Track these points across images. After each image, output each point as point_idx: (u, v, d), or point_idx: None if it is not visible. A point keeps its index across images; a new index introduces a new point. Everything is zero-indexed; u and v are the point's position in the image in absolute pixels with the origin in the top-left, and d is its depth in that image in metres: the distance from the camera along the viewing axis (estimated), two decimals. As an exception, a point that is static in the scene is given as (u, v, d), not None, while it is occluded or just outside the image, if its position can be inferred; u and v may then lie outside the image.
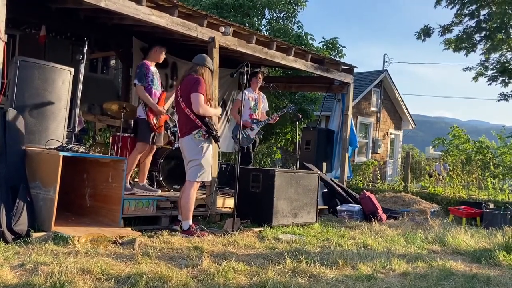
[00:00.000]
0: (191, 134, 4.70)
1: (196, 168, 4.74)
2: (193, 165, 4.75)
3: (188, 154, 4.77)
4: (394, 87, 19.74)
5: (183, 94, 4.74)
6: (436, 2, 16.66)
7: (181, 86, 4.80)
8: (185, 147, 4.77)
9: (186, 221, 4.75)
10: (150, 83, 5.51)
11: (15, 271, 2.97)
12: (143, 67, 5.51)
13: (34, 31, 7.06)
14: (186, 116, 4.72)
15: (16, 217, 3.86)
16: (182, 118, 4.80)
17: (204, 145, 4.75)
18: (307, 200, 6.11)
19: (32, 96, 4.66)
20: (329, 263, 3.82)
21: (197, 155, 4.73)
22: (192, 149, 4.73)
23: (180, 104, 4.76)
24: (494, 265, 4.32)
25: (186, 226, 4.74)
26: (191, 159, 4.75)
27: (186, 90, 4.72)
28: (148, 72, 5.52)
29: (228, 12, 13.42)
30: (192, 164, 4.75)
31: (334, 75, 8.69)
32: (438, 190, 9.30)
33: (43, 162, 4.24)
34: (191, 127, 4.71)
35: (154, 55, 5.70)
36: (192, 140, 4.71)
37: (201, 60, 4.88)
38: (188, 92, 4.69)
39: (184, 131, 4.76)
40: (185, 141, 4.75)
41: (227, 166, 7.74)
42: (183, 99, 4.73)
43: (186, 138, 4.73)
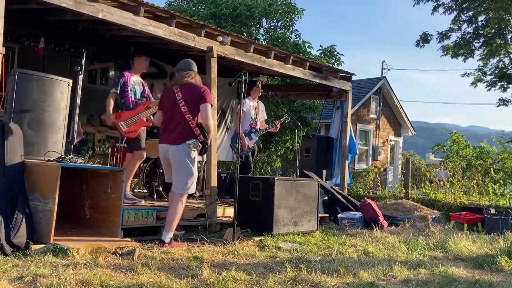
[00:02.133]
0: (186, 144, 4.53)
1: (187, 179, 4.58)
2: (183, 176, 4.58)
3: (181, 163, 4.57)
4: (393, 94, 19.78)
5: (187, 100, 4.57)
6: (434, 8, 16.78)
7: (183, 91, 4.61)
8: (178, 155, 4.56)
9: (171, 233, 4.55)
10: (129, 91, 5.58)
11: (13, 283, 2.95)
12: (122, 76, 5.62)
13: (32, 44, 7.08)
14: (185, 122, 4.55)
15: (15, 229, 3.85)
16: (179, 123, 4.59)
17: (195, 156, 4.63)
18: (307, 208, 6.09)
19: (30, 108, 4.66)
20: (330, 271, 3.80)
21: (191, 165, 4.59)
22: (185, 158, 4.56)
23: (180, 107, 4.55)
24: (497, 270, 4.29)
25: (167, 238, 4.52)
26: (183, 169, 4.57)
27: (193, 97, 4.58)
28: (127, 81, 5.59)
29: (226, 22, 13.49)
30: (183, 175, 4.58)
31: (333, 83, 8.71)
32: (439, 196, 9.27)
33: (42, 173, 4.23)
34: (189, 134, 4.55)
35: (136, 65, 5.78)
36: (186, 149, 4.54)
37: (192, 66, 4.77)
38: (196, 100, 4.56)
39: (180, 138, 4.55)
40: (179, 150, 4.55)
41: (226, 175, 7.73)
42: (186, 104, 4.54)
43: (181, 147, 4.54)
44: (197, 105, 4.56)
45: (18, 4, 4.87)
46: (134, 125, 5.55)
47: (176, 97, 4.60)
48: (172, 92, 4.67)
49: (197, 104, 4.56)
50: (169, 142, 4.61)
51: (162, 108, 4.78)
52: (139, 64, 5.78)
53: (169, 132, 4.63)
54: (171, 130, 4.61)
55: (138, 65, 5.78)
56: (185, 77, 4.67)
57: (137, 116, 5.58)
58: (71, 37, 6.83)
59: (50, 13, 5.89)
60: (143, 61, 5.79)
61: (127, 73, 5.68)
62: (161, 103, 4.81)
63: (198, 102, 4.57)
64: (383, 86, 19.42)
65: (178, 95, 4.60)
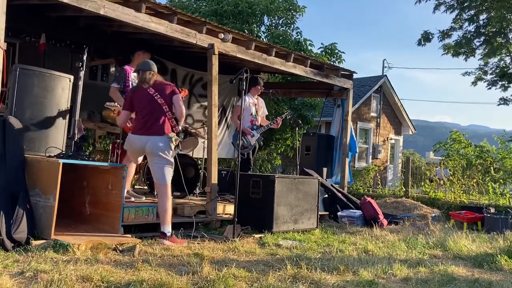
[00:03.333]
0: (167, 136, 4.74)
1: (168, 170, 4.77)
2: (164, 166, 4.74)
3: (161, 155, 4.73)
4: (393, 92, 19.77)
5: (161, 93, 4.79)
6: (435, 7, 16.74)
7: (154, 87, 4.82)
8: (160, 146, 4.72)
9: (168, 225, 4.67)
10: (130, 87, 5.54)
11: (14, 279, 2.96)
12: (122, 71, 5.62)
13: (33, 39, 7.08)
14: (164, 114, 4.76)
15: (15, 225, 3.85)
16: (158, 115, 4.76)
17: (173, 148, 4.85)
18: (307, 206, 6.10)
19: (31, 103, 4.67)
20: (330, 269, 3.80)
21: (170, 156, 4.80)
22: (167, 149, 4.74)
23: (156, 100, 4.75)
24: (496, 269, 4.30)
25: (167, 231, 4.64)
26: (163, 160, 4.74)
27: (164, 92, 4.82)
28: (128, 76, 5.59)
29: (227, 19, 13.47)
30: (164, 166, 4.74)
31: (334, 81, 8.70)
32: (439, 195, 9.28)
33: (43, 169, 4.24)
34: (168, 126, 4.79)
35: (137, 60, 5.73)
36: (167, 141, 4.74)
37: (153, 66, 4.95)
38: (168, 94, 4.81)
39: (161, 130, 4.73)
40: (161, 141, 4.72)
41: (227, 172, 7.73)
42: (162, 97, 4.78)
43: (163, 139, 4.73)
44: (169, 99, 4.82)
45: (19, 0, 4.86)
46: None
47: (149, 92, 4.79)
48: (143, 90, 4.82)
49: (169, 97, 4.83)
50: (148, 134, 4.75)
51: (133, 108, 4.90)
52: (139, 60, 5.76)
53: (149, 125, 4.76)
54: (151, 123, 4.76)
55: (139, 60, 5.75)
56: (151, 77, 4.86)
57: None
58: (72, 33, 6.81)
59: (51, 8, 5.89)
60: (146, 56, 5.77)
61: (128, 67, 5.66)
62: (131, 103, 4.89)
63: (169, 95, 4.84)
64: (384, 84, 19.41)
65: (151, 91, 4.80)
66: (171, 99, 4.82)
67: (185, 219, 5.63)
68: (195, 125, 8.39)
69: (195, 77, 8.53)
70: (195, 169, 6.68)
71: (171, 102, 4.82)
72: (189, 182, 6.63)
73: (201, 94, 8.57)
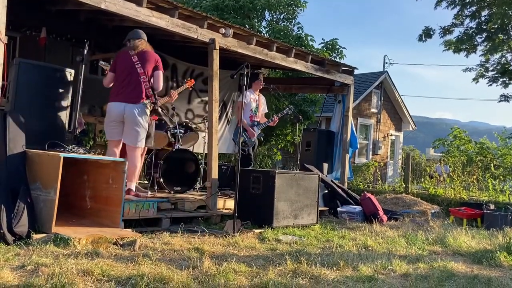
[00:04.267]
0: (143, 103, 5.07)
1: (139, 134, 5.11)
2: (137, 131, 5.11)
3: (136, 120, 5.07)
4: (394, 88, 19.75)
5: (143, 64, 5.09)
6: (436, 3, 16.68)
7: (138, 55, 5.12)
8: (135, 113, 5.05)
9: (133, 183, 5.19)
10: None
11: (15, 272, 2.97)
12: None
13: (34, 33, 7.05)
14: (141, 83, 5.06)
15: (16, 218, 3.86)
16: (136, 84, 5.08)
17: (148, 115, 5.16)
18: (307, 201, 6.11)
19: (32, 97, 4.67)
20: (330, 264, 3.82)
21: (145, 123, 5.14)
22: (142, 116, 5.10)
23: (136, 69, 5.05)
24: (495, 266, 4.31)
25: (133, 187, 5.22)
26: (138, 125, 5.09)
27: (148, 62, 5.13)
28: None
29: (228, 14, 13.43)
30: (137, 130, 5.10)
31: (335, 76, 8.69)
32: (438, 191, 9.29)
33: (44, 163, 4.24)
34: (144, 94, 5.09)
35: None
36: (142, 108, 5.05)
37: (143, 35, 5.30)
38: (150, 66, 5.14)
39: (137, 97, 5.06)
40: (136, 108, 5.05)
41: (227, 167, 7.74)
42: (142, 67, 5.07)
43: (138, 106, 5.06)
44: (151, 71, 5.15)
45: (20, -7, 4.85)
46: None
47: (132, 60, 5.08)
48: (127, 56, 5.12)
49: (151, 69, 5.15)
50: (125, 101, 5.07)
51: (116, 71, 5.20)
52: None
53: (127, 92, 5.07)
54: (129, 90, 5.07)
55: None
56: (140, 44, 5.18)
57: None
58: (73, 27, 6.79)
59: (52, 2, 5.88)
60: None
61: None
62: (115, 66, 5.21)
63: (152, 68, 5.16)
64: (385, 80, 19.39)
65: (134, 58, 5.08)
66: (153, 73, 5.15)
67: (186, 214, 5.65)
68: (195, 120, 8.39)
69: (196, 72, 8.52)
70: (195, 164, 6.68)
71: (151, 74, 5.15)
72: (190, 177, 6.65)
73: (202, 89, 8.57)
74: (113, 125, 5.22)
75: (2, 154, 4.17)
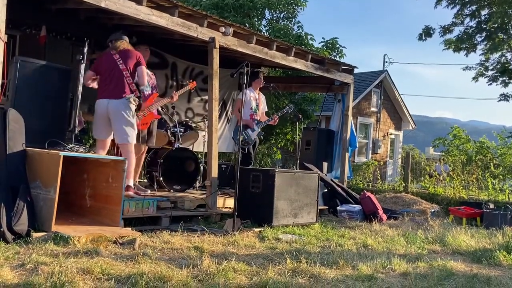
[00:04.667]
0: (125, 98, 5.08)
1: (126, 129, 5.11)
2: (123, 126, 5.10)
3: (120, 115, 5.08)
4: (394, 87, 19.74)
5: (125, 60, 5.15)
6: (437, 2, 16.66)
7: (120, 54, 5.20)
8: (118, 108, 5.07)
9: (131, 179, 5.26)
10: None
11: (15, 271, 2.97)
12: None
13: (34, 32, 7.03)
14: (123, 78, 5.11)
15: (16, 217, 3.86)
16: (118, 80, 5.12)
17: (133, 110, 5.17)
18: (307, 200, 6.11)
19: (32, 96, 4.67)
20: (330, 263, 3.82)
21: (130, 118, 5.13)
22: (126, 110, 5.09)
23: (118, 65, 5.11)
24: (495, 265, 4.31)
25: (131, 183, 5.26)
26: (122, 120, 5.08)
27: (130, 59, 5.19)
28: None
29: (228, 13, 13.41)
30: (122, 125, 5.10)
31: (334, 75, 8.69)
32: (438, 191, 9.30)
33: (44, 162, 4.24)
34: (127, 89, 5.12)
35: None
36: (125, 102, 5.08)
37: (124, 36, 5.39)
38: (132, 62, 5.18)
39: (119, 92, 5.09)
40: (119, 103, 5.07)
41: (227, 166, 7.74)
42: (124, 63, 5.13)
43: (120, 101, 5.07)
44: (133, 67, 5.19)
45: (20, -9, 4.85)
46: (145, 117, 5.62)
47: (114, 58, 5.15)
48: (109, 55, 5.20)
49: (133, 65, 5.19)
50: (109, 97, 5.11)
51: (100, 72, 5.24)
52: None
53: (110, 89, 5.12)
54: (112, 87, 5.12)
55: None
56: (121, 44, 5.27)
57: (147, 109, 5.62)
58: (73, 25, 6.78)
59: (52, 1, 5.87)
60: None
61: None
62: (97, 68, 5.25)
63: (134, 64, 5.20)
64: (385, 79, 19.38)
65: (115, 56, 5.16)
66: (135, 68, 5.18)
67: (185, 213, 5.65)
68: (195, 119, 8.39)
69: (196, 71, 8.52)
70: (195, 163, 6.69)
71: (134, 71, 5.18)
72: (189, 176, 6.65)
73: (202, 88, 8.56)
74: (99, 122, 5.25)
75: (2, 152, 4.18)
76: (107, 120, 5.19)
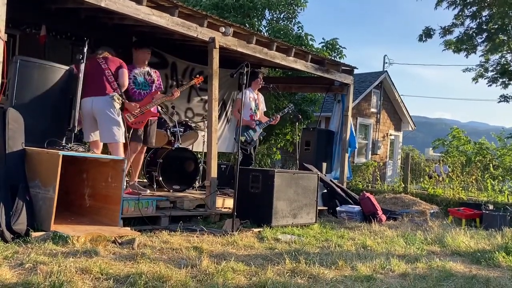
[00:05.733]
0: (109, 96, 5.13)
1: (112, 127, 5.12)
2: (109, 125, 5.12)
3: (105, 113, 5.11)
4: (394, 88, 19.75)
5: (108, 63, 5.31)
6: (437, 3, 16.66)
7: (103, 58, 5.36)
8: (102, 106, 5.12)
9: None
10: (131, 84, 5.67)
11: (14, 270, 2.97)
12: None
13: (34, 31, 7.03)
14: (105, 76, 5.21)
15: (15, 216, 3.86)
16: (100, 78, 5.21)
17: (118, 108, 5.19)
18: (306, 200, 6.11)
19: (32, 95, 4.66)
20: (329, 264, 3.82)
21: (115, 116, 5.15)
22: (110, 108, 5.12)
23: (101, 65, 5.24)
24: (494, 266, 4.31)
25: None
26: (107, 118, 5.11)
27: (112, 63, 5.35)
28: (129, 73, 5.64)
29: (228, 13, 13.41)
30: (108, 124, 5.12)
31: (334, 76, 8.69)
32: (437, 191, 9.30)
33: (43, 161, 4.24)
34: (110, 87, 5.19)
35: (135, 57, 5.87)
36: (109, 100, 5.13)
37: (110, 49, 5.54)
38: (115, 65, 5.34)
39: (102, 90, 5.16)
40: (102, 101, 5.12)
41: (226, 166, 7.74)
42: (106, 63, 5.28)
43: (104, 98, 5.13)
44: (116, 70, 5.32)
45: (20, -10, 4.85)
46: (141, 116, 5.59)
47: (97, 60, 5.29)
48: (94, 59, 5.29)
49: (115, 68, 5.32)
50: (92, 95, 5.15)
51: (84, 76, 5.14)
52: (138, 55, 5.85)
53: (93, 87, 5.16)
54: (95, 86, 5.19)
55: (137, 56, 5.85)
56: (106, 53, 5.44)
57: (143, 107, 5.61)
58: (73, 25, 6.78)
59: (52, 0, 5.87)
60: (142, 53, 5.86)
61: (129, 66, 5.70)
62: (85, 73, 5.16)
63: (116, 67, 5.34)
64: (385, 80, 19.39)
65: (99, 59, 5.31)
66: (118, 71, 5.32)
67: (185, 212, 5.65)
68: (195, 119, 8.39)
69: (196, 71, 8.51)
70: (194, 163, 6.68)
71: (117, 74, 5.31)
72: (189, 176, 6.65)
73: (202, 88, 8.55)
74: (87, 124, 5.27)
75: (1, 151, 4.17)
76: (94, 120, 5.22)
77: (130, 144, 5.56)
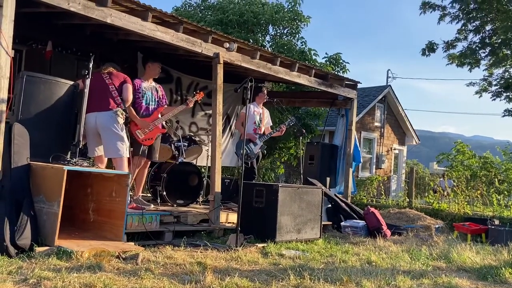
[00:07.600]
0: (112, 111, 5.15)
1: (116, 142, 5.14)
2: (113, 140, 5.15)
3: (108, 129, 5.14)
4: (397, 102, 19.77)
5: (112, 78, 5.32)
6: (440, 18, 16.73)
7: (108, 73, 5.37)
8: (106, 121, 5.14)
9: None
10: (140, 98, 5.69)
11: (18, 286, 2.97)
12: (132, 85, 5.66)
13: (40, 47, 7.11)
14: (109, 92, 5.23)
15: (19, 231, 3.86)
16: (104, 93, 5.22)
17: (121, 123, 5.21)
18: (311, 215, 6.08)
19: (37, 110, 4.69)
20: (333, 280, 3.79)
21: (119, 131, 5.18)
22: (113, 123, 5.15)
23: (104, 81, 5.27)
24: (500, 282, 4.27)
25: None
26: (110, 133, 5.14)
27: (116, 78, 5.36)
28: (139, 88, 5.69)
29: (233, 28, 13.52)
30: (112, 139, 5.15)
31: (338, 91, 8.71)
32: (442, 206, 9.24)
33: (48, 176, 4.25)
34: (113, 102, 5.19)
35: (148, 71, 5.91)
36: (112, 116, 5.15)
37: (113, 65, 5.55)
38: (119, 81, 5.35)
39: (106, 105, 5.17)
40: (106, 116, 5.14)
41: (230, 180, 7.73)
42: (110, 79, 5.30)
43: (107, 114, 5.15)
44: (120, 85, 5.33)
45: (27, 7, 4.90)
46: (150, 132, 5.62)
47: (101, 76, 5.32)
48: (98, 74, 5.32)
49: (119, 83, 5.34)
50: (96, 110, 5.17)
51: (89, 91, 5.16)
52: (151, 70, 5.88)
53: (97, 102, 5.17)
54: (99, 100, 5.18)
55: (150, 71, 5.89)
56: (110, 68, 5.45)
57: (152, 124, 5.63)
58: (79, 40, 6.86)
59: (59, 17, 5.93)
60: (156, 67, 5.90)
61: (137, 80, 5.75)
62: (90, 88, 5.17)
63: (120, 82, 5.36)
64: (388, 94, 19.42)
65: (103, 75, 5.34)
66: (121, 86, 5.33)
67: (188, 227, 5.63)
68: (199, 133, 8.41)
69: (200, 86, 8.57)
70: (198, 177, 6.69)
71: (121, 89, 5.33)
72: (193, 190, 6.64)
73: (206, 103, 8.59)
74: (91, 139, 5.28)
75: (6, 166, 4.19)
76: (97, 135, 5.25)
77: (134, 159, 5.58)
